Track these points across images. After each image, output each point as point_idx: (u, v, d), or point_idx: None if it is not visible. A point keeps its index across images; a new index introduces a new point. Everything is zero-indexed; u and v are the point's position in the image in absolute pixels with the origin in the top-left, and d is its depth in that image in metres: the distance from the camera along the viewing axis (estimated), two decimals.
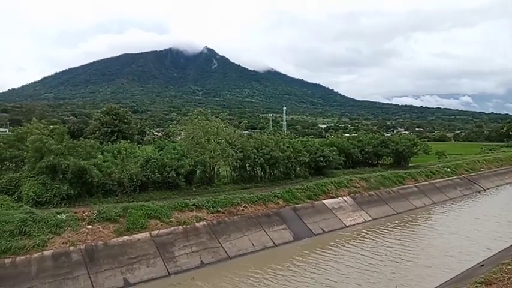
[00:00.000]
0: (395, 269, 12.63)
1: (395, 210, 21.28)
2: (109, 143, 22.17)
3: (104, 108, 45.66)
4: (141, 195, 16.81)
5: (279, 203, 17.77)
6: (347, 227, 18.10)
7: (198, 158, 19.08)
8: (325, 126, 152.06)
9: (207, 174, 20.34)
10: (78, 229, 12.21)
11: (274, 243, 15.19)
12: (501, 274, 8.40)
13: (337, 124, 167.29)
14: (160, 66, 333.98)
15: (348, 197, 20.61)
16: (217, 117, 22.87)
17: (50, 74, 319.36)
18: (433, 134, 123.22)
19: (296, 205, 18.09)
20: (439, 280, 11.36)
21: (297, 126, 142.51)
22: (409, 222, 19.43)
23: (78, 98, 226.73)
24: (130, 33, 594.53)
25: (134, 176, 16.59)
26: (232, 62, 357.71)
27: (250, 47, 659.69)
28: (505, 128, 76.62)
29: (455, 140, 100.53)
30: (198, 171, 19.87)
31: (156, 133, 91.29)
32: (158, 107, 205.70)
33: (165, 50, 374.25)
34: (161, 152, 19.12)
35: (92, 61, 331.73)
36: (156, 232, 13.26)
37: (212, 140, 20.33)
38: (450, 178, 28.95)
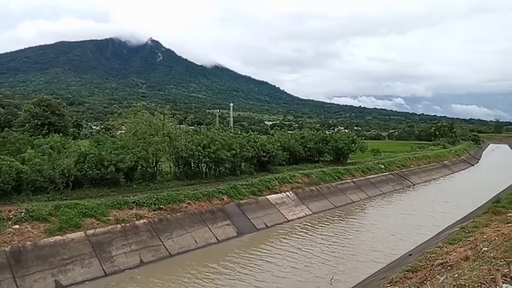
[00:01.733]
0: (328, 263, 13.16)
1: (333, 204, 22.37)
2: (40, 136, 20.47)
3: (35, 99, 42.02)
4: (76, 192, 15.82)
5: (223, 199, 17.80)
6: (289, 221, 18.67)
7: (141, 153, 18.40)
8: (271, 123, 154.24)
9: (150, 170, 19.69)
10: (3, 229, 11.26)
11: (217, 239, 15.22)
12: (425, 262, 9.23)
13: (282, 121, 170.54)
14: (100, 57, 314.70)
15: (290, 192, 21.24)
16: (160, 113, 21.96)
17: None
18: (370, 132, 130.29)
19: (240, 201, 18.26)
20: (368, 272, 12.10)
21: (243, 123, 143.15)
22: (345, 216, 20.59)
23: (6, 87, 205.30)
24: (65, 20, 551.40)
25: (66, 171, 15.50)
26: (179, 55, 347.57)
27: (197, 41, 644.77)
28: (433, 128, 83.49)
29: (389, 139, 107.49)
30: (139, 167, 19.12)
31: (94, 127, 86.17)
32: (97, 99, 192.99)
33: (105, 39, 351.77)
34: (99, 146, 18.02)
35: (22, 48, 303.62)
36: (91, 231, 12.62)
37: (157, 135, 19.67)
38: (384, 174, 31.07)
